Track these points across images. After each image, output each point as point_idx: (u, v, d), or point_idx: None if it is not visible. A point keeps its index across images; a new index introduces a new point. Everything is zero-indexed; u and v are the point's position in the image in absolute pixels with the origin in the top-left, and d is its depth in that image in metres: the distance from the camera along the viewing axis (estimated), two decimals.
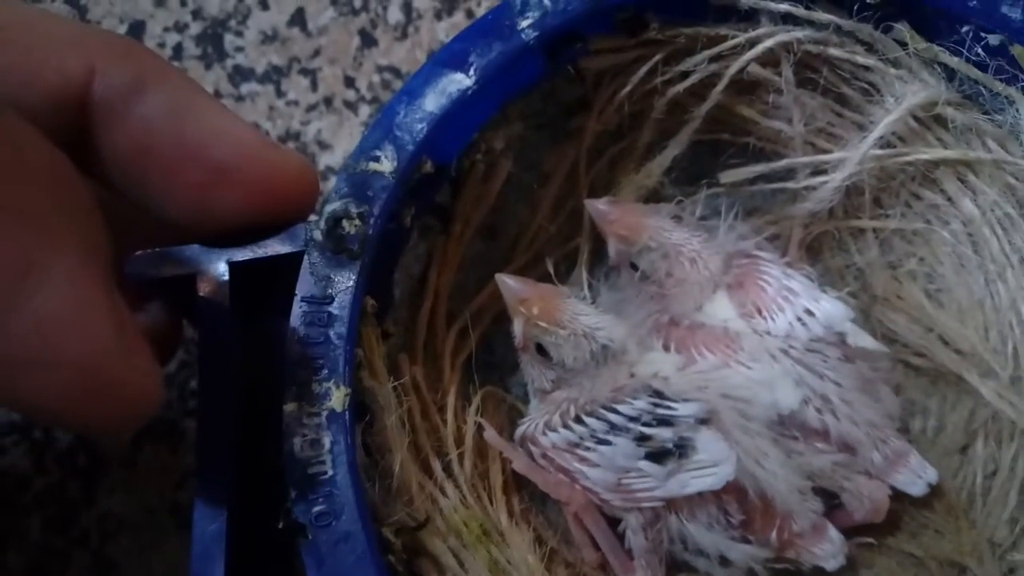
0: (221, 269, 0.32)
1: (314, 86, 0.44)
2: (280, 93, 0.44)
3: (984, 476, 0.34)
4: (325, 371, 0.30)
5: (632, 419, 0.32)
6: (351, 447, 0.29)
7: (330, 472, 0.29)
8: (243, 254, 0.32)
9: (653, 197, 0.39)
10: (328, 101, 0.44)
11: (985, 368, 0.35)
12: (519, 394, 0.39)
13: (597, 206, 0.36)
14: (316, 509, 0.28)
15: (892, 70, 0.35)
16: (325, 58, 0.45)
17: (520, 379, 0.39)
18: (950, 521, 0.34)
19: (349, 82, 0.45)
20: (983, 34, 0.33)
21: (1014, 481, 0.33)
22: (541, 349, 0.35)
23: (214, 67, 0.44)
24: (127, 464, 0.39)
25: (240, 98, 0.44)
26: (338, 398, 0.29)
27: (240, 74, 0.44)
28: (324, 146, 0.43)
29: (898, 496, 0.35)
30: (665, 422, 0.32)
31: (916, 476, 0.34)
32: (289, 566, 0.28)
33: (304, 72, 0.45)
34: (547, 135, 0.39)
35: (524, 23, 0.34)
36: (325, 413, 0.29)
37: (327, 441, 0.29)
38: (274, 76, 0.44)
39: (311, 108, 0.44)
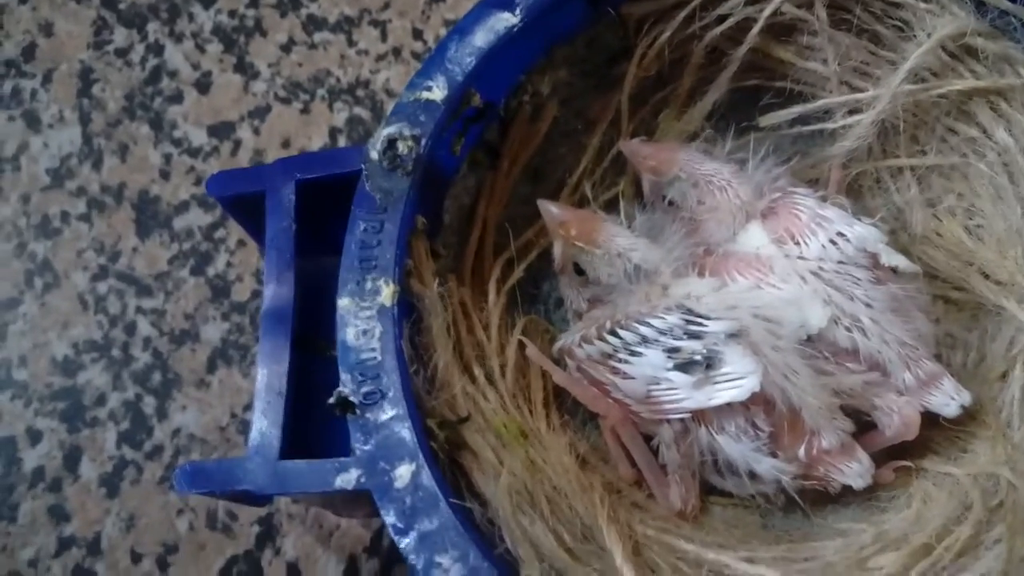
0: (289, 187, 0.35)
1: (383, 37, 0.48)
2: (351, 42, 0.48)
3: (1022, 397, 0.34)
4: (377, 271, 0.33)
5: (663, 332, 0.34)
6: (398, 337, 0.32)
7: (379, 358, 0.31)
8: (310, 173, 0.35)
9: (703, 142, 0.41)
10: (397, 52, 0.48)
11: (1023, 295, 0.35)
12: (562, 328, 0.41)
13: (631, 145, 0.38)
14: (365, 389, 0.31)
15: (922, 4, 0.36)
16: (395, 10, 0.48)
17: (563, 314, 0.41)
18: (987, 440, 0.34)
19: (417, 34, 0.48)
20: None
21: None
22: (578, 269, 0.37)
23: (288, 15, 0.48)
24: (200, 384, 0.43)
25: (313, 46, 0.48)
26: (388, 294, 0.32)
27: (313, 23, 0.49)
28: (392, 94, 0.47)
29: (934, 422, 0.35)
30: (695, 336, 0.33)
31: (949, 398, 0.34)
32: (332, 443, 0.31)
33: (374, 23, 0.48)
34: (592, 83, 0.41)
35: None
36: (376, 307, 0.32)
37: (377, 331, 0.32)
38: (346, 26, 0.48)
39: (380, 58, 0.48)
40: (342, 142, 0.46)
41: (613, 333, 0.35)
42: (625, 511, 0.35)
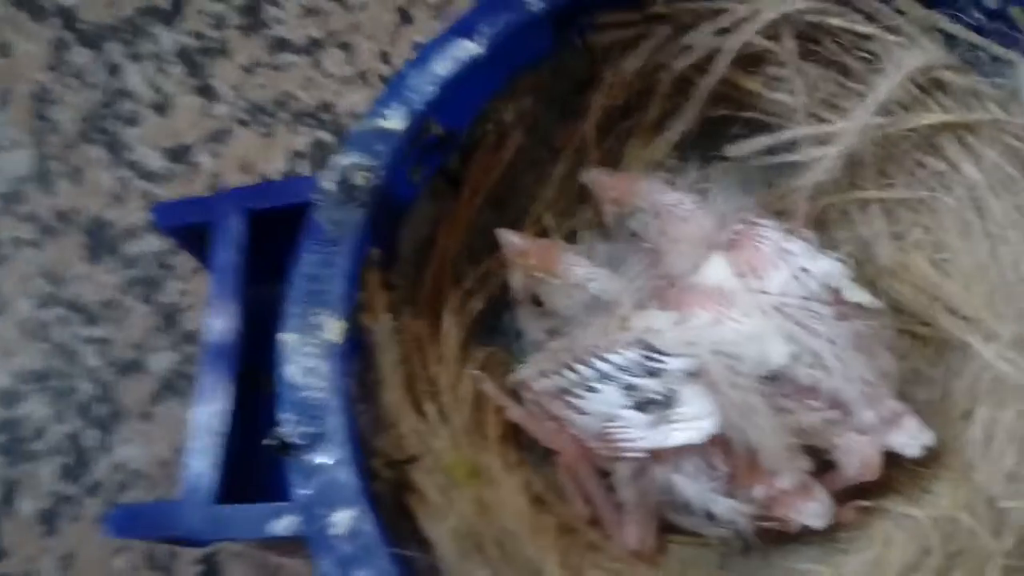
0: (238, 218, 0.34)
1: (350, 59, 0.47)
2: (317, 65, 0.47)
3: (985, 437, 0.34)
4: (325, 305, 0.32)
5: (621, 368, 0.33)
6: (344, 376, 0.31)
7: (322, 397, 0.30)
8: (260, 204, 0.34)
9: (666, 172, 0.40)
10: (363, 75, 0.47)
11: (988, 332, 0.35)
12: (523, 360, 0.39)
13: (592, 175, 0.38)
14: (306, 430, 0.30)
15: (892, 37, 0.35)
16: (362, 33, 0.48)
17: (524, 346, 0.40)
18: (949, 482, 0.33)
19: (384, 57, 0.47)
20: None
21: (1014, 440, 0.32)
22: (537, 299, 0.36)
23: (252, 36, 0.48)
24: (145, 416, 0.41)
25: (277, 67, 0.47)
26: (335, 330, 0.31)
27: (278, 45, 0.48)
28: (357, 118, 0.45)
29: (896, 461, 0.34)
30: (653, 374, 0.32)
31: (911, 438, 0.33)
32: (274, 485, 0.30)
33: (341, 46, 0.48)
34: (557, 110, 0.40)
35: None
36: (322, 344, 0.31)
37: (322, 369, 0.31)
38: (311, 48, 0.47)
39: (346, 81, 0.47)
40: (304, 167, 0.46)
41: (570, 368, 0.34)
42: (579, 553, 0.34)
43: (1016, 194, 0.34)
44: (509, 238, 0.36)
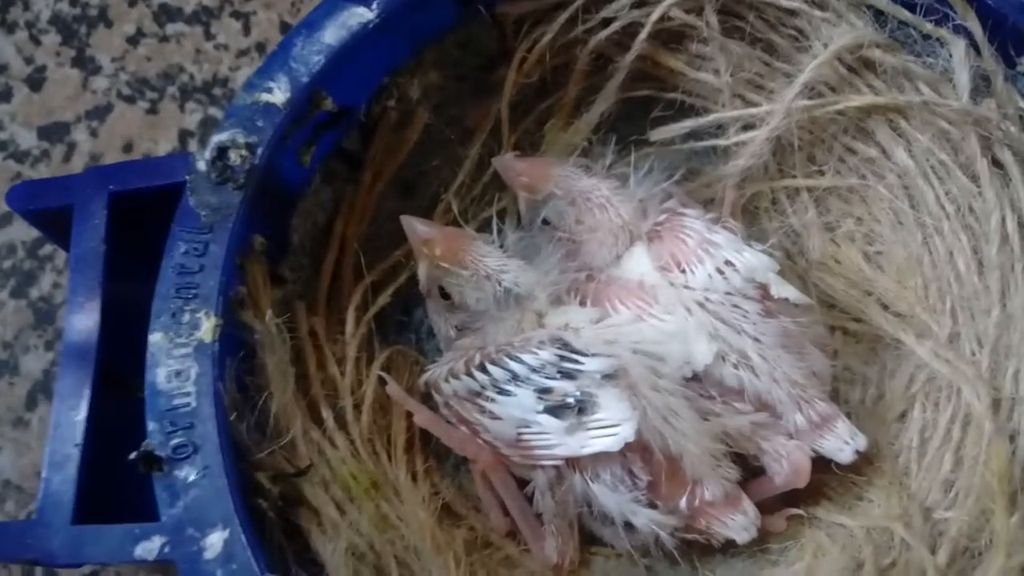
0: (101, 200, 0.30)
1: (247, 30, 0.43)
2: (209, 36, 0.43)
3: (920, 441, 0.32)
4: (197, 301, 0.28)
5: (535, 370, 0.30)
6: (218, 379, 0.27)
7: (193, 404, 0.27)
8: (127, 185, 0.31)
9: (583, 157, 0.38)
10: (261, 47, 0.43)
11: (922, 328, 0.33)
12: (435, 359, 0.36)
13: (503, 160, 0.35)
14: (174, 441, 0.27)
15: (818, 13, 0.33)
16: (260, 1, 0.44)
17: (437, 344, 0.37)
18: (883, 488, 0.31)
19: (285, 28, 0.44)
20: None
21: (949, 444, 0.31)
22: (444, 292, 0.33)
23: (138, 4, 0.43)
24: (18, 422, 0.37)
25: (165, 39, 0.43)
26: (208, 329, 0.28)
27: (166, 13, 0.44)
28: None
29: (828, 466, 0.32)
30: (568, 375, 0.30)
31: (843, 442, 0.31)
32: (145, 501, 0.26)
33: (236, 15, 0.44)
34: (468, 88, 0.37)
35: None
36: (193, 344, 0.28)
37: (193, 372, 0.27)
38: (203, 17, 0.43)
39: (242, 53, 0.43)
40: (193, 146, 0.42)
41: (482, 369, 0.31)
42: (491, 570, 0.31)
43: (949, 183, 0.33)
44: (413, 225, 0.33)
